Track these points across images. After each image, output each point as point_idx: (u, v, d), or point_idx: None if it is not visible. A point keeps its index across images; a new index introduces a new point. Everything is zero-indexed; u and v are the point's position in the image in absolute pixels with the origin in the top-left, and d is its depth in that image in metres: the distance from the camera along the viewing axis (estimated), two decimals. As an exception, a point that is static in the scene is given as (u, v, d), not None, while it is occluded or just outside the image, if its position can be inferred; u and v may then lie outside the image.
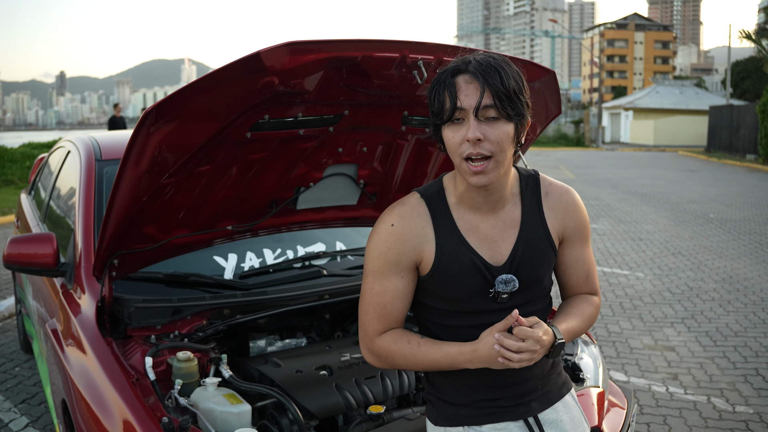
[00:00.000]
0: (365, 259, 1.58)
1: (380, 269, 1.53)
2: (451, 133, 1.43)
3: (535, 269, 1.55)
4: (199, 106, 1.74)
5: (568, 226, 1.62)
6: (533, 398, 1.59)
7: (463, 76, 1.41)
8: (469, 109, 1.39)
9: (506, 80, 1.39)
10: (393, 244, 1.52)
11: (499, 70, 1.40)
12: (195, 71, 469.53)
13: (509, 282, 1.51)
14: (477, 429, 1.56)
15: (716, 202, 13.31)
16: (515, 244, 1.54)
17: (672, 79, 68.83)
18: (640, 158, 28.43)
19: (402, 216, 1.54)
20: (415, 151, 2.44)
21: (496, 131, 1.41)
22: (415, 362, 1.52)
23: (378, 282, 1.54)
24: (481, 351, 1.44)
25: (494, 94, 1.38)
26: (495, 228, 1.55)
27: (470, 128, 1.39)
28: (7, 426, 3.65)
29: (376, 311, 1.55)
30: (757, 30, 33.58)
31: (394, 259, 1.52)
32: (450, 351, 1.49)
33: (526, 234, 1.55)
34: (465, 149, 1.41)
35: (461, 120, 1.42)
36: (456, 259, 1.51)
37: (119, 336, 2.25)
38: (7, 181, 14.83)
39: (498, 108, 1.39)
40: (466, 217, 1.54)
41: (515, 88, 1.41)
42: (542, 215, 1.58)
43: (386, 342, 1.54)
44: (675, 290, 6.62)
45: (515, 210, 1.57)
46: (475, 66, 1.41)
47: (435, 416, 1.62)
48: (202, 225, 2.28)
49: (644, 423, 3.70)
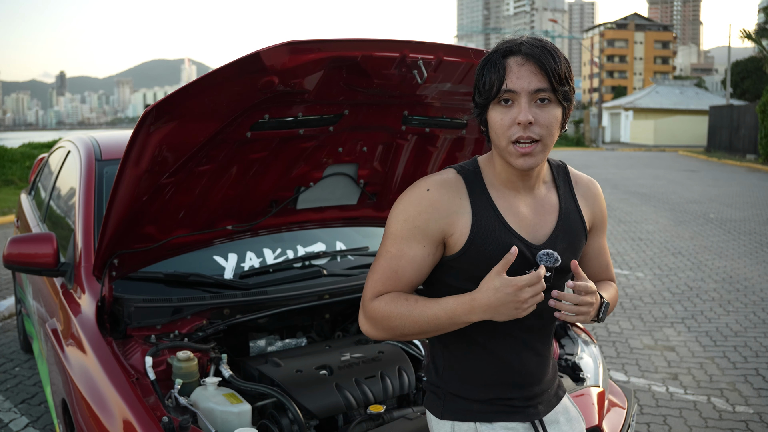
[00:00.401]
0: (388, 222, 1.49)
1: (404, 233, 1.45)
2: (499, 116, 1.40)
3: (570, 255, 1.52)
4: (199, 105, 1.74)
5: (597, 215, 1.63)
6: (540, 401, 1.59)
7: (515, 57, 1.38)
8: (521, 92, 1.37)
9: (558, 63, 1.38)
10: (425, 208, 1.45)
11: (552, 53, 1.38)
12: (195, 71, 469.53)
13: (551, 255, 1.42)
14: (489, 426, 1.52)
15: (716, 202, 13.31)
16: (555, 229, 1.52)
17: (672, 79, 68.84)
18: (640, 158, 28.42)
19: (440, 184, 1.48)
20: (415, 151, 2.44)
21: (547, 114, 1.39)
22: (412, 321, 1.42)
23: (396, 245, 1.46)
24: (480, 299, 1.35)
25: (549, 76, 1.36)
26: (534, 211, 1.51)
27: (522, 111, 1.36)
28: (7, 426, 3.65)
29: (385, 273, 1.46)
30: (758, 30, 33.56)
31: (422, 225, 1.44)
32: (448, 304, 1.39)
33: (564, 220, 1.54)
34: (514, 132, 1.38)
35: (510, 102, 1.39)
36: (493, 238, 1.44)
37: (119, 336, 2.25)
38: (7, 181, 14.84)
39: (551, 91, 1.37)
40: (504, 197, 1.49)
41: (566, 71, 1.39)
42: (576, 203, 1.58)
43: (382, 302, 1.45)
44: (675, 290, 6.62)
45: (552, 195, 1.55)
46: (528, 48, 1.37)
47: (441, 409, 1.55)
48: (202, 225, 2.28)
49: (644, 423, 3.70)
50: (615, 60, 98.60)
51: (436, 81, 1.94)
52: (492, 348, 1.51)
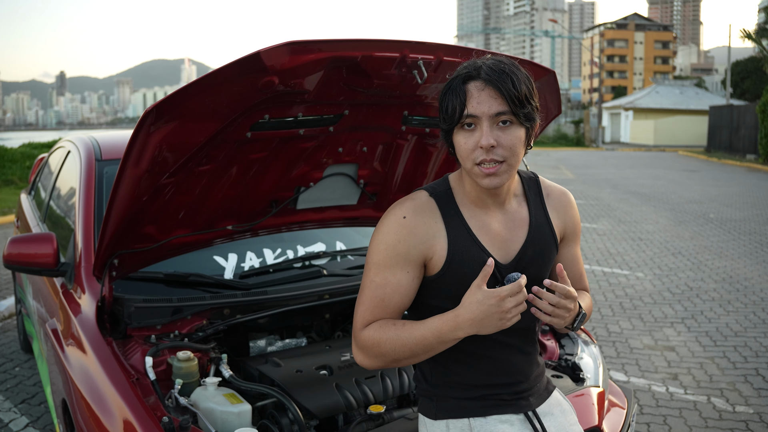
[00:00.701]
0: (369, 252, 1.53)
1: (386, 261, 1.49)
2: (463, 139, 1.44)
3: (541, 268, 1.59)
4: (199, 105, 1.74)
5: (568, 226, 1.67)
6: (530, 394, 1.64)
7: (475, 82, 1.42)
8: (482, 116, 1.40)
9: (518, 85, 1.40)
10: (404, 236, 1.49)
11: (511, 76, 1.40)
12: (195, 71, 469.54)
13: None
14: (482, 420, 1.56)
15: (716, 202, 13.31)
16: (524, 243, 1.57)
17: (672, 79, 68.84)
18: (640, 158, 28.43)
19: (414, 210, 1.52)
20: (415, 151, 2.44)
21: (509, 136, 1.42)
22: (401, 344, 1.44)
23: (380, 274, 1.50)
24: (463, 314, 1.38)
25: (508, 100, 1.39)
26: (505, 227, 1.56)
27: (484, 135, 1.40)
28: (7, 426, 3.65)
29: (372, 302, 1.50)
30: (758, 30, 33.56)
31: (402, 252, 1.49)
32: (434, 323, 1.42)
33: (534, 233, 1.58)
34: (478, 155, 1.42)
35: (473, 126, 1.42)
36: (469, 258, 1.49)
37: (119, 336, 2.25)
38: (7, 181, 14.84)
39: (511, 114, 1.40)
40: (476, 216, 1.54)
41: (527, 93, 1.41)
42: (547, 215, 1.62)
43: (371, 330, 1.49)
44: (675, 290, 6.62)
45: (522, 210, 1.60)
46: (487, 72, 1.41)
47: (434, 410, 1.60)
48: (202, 225, 2.28)
49: (644, 423, 3.70)
50: (615, 60, 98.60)
51: (436, 81, 1.94)
52: (476, 351, 1.56)
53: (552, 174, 19.96)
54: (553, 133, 42.10)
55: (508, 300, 1.34)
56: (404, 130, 2.28)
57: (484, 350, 1.56)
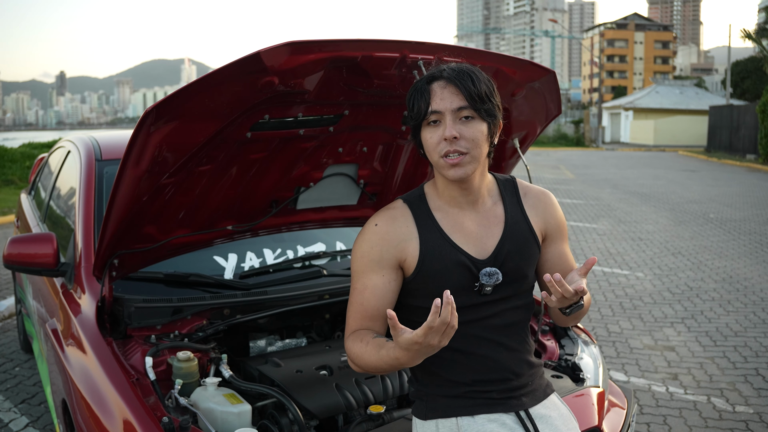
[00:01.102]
0: (351, 262, 1.65)
1: (362, 268, 1.60)
2: (429, 134, 1.55)
3: (520, 264, 1.63)
4: (199, 106, 1.74)
5: (549, 224, 1.72)
6: (523, 393, 1.64)
7: (439, 82, 1.54)
8: (445, 111, 1.52)
9: (478, 84, 1.52)
10: (376, 242, 1.60)
11: (471, 75, 1.53)
12: (195, 71, 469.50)
13: (493, 275, 1.57)
14: (470, 419, 1.59)
15: (716, 202, 13.32)
16: (501, 239, 1.63)
17: (672, 79, 68.86)
18: (640, 158, 28.43)
19: (386, 217, 1.63)
20: (415, 151, 2.44)
21: (471, 129, 1.53)
22: (366, 362, 1.52)
23: (360, 281, 1.61)
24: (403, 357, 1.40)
25: (467, 95, 1.51)
26: (480, 225, 1.64)
27: (447, 128, 1.51)
28: (7, 426, 3.65)
29: (354, 308, 1.61)
30: (758, 30, 33.57)
31: (376, 257, 1.59)
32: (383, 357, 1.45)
33: (510, 230, 1.65)
34: (443, 147, 1.53)
35: (438, 122, 1.54)
36: (440, 257, 1.58)
37: (119, 336, 2.25)
38: (7, 181, 14.83)
39: (471, 108, 1.52)
40: (449, 216, 1.63)
41: (486, 90, 1.53)
42: (524, 213, 1.69)
43: (350, 341, 1.58)
44: (675, 290, 6.62)
45: (497, 208, 1.67)
46: (449, 72, 1.54)
47: (424, 411, 1.63)
48: (202, 225, 2.28)
49: (644, 423, 3.70)
50: (615, 60, 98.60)
51: (436, 81, 1.94)
52: (462, 349, 1.60)
53: (552, 174, 19.96)
54: (553, 133, 42.10)
55: (430, 336, 1.33)
56: (404, 130, 2.28)
57: (468, 347, 1.60)
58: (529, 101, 2.21)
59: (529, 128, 2.38)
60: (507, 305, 1.61)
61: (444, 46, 1.84)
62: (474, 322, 1.59)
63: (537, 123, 2.34)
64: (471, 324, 1.58)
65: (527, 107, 2.24)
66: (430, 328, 1.31)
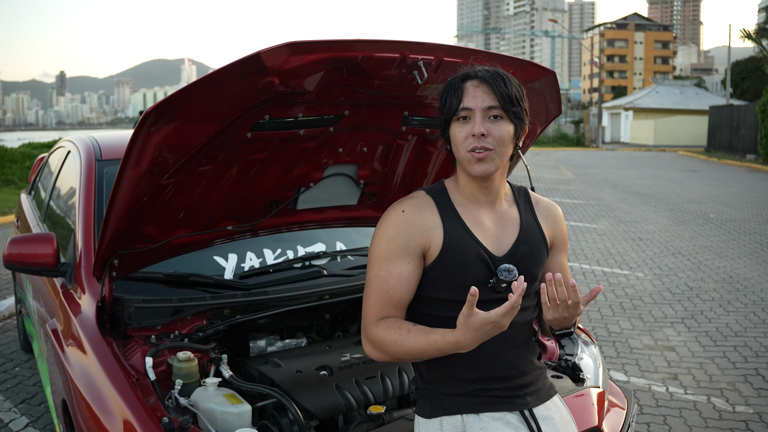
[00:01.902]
0: (372, 247, 1.64)
1: (387, 254, 1.60)
2: (458, 129, 1.59)
3: (533, 265, 1.68)
4: (199, 106, 1.74)
5: (556, 234, 1.78)
6: (528, 392, 1.66)
7: (472, 81, 1.59)
8: (476, 109, 1.56)
9: (509, 86, 1.58)
10: (403, 228, 1.61)
11: (504, 78, 1.59)
12: (195, 71, 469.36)
13: (511, 271, 1.59)
14: (475, 417, 1.60)
15: (716, 202, 13.32)
16: (516, 240, 1.67)
17: (672, 79, 68.83)
18: (640, 158, 28.43)
19: (412, 205, 1.65)
20: (415, 152, 2.44)
21: (499, 128, 1.58)
22: (405, 350, 1.54)
23: (384, 267, 1.60)
24: (465, 341, 1.44)
25: (499, 96, 1.56)
26: (497, 224, 1.68)
27: (476, 124, 1.56)
28: (7, 426, 3.65)
29: (378, 296, 1.60)
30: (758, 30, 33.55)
31: (402, 243, 1.60)
32: (437, 343, 1.49)
33: (525, 233, 1.69)
34: (470, 143, 1.57)
35: (467, 119, 1.58)
36: (463, 248, 1.60)
37: (119, 336, 2.25)
38: (7, 181, 14.83)
39: (501, 108, 1.57)
40: (470, 212, 1.66)
41: (517, 94, 1.59)
42: (537, 219, 1.74)
43: (380, 329, 1.58)
44: (675, 290, 6.62)
45: (513, 211, 1.73)
46: (483, 73, 1.59)
47: (429, 409, 1.64)
48: (203, 225, 2.28)
49: (644, 423, 3.70)
50: (615, 60, 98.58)
51: (436, 81, 1.94)
52: None
53: (552, 174, 19.96)
54: (553, 133, 42.08)
55: (505, 318, 1.40)
56: (404, 130, 2.28)
57: None
58: (529, 101, 2.20)
59: (529, 128, 2.37)
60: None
61: (444, 46, 1.84)
62: None
63: (537, 123, 2.34)
64: None
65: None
66: (513, 308, 1.38)
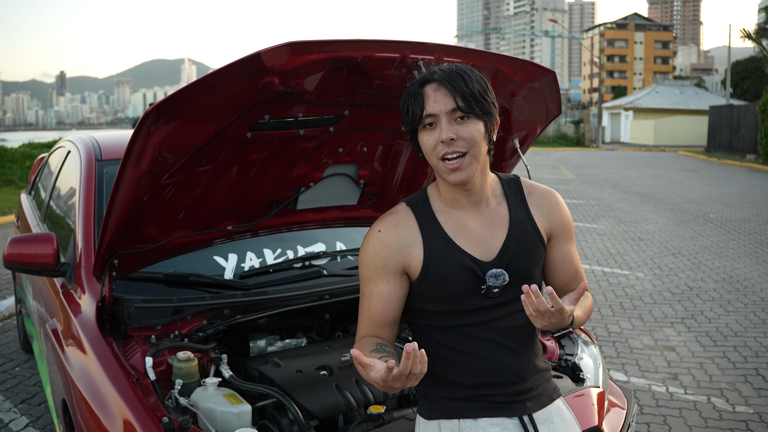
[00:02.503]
0: (359, 266, 1.65)
1: (368, 274, 1.61)
2: (425, 137, 1.54)
3: (526, 264, 1.61)
4: (199, 106, 1.74)
5: (555, 223, 1.69)
6: (528, 398, 1.62)
7: (431, 84, 1.53)
8: (440, 114, 1.51)
9: (470, 83, 1.51)
10: (380, 249, 1.60)
11: (462, 75, 1.52)
12: (195, 71, 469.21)
13: (499, 276, 1.56)
14: (473, 422, 1.58)
15: (716, 202, 13.32)
16: (505, 240, 1.61)
17: (672, 79, 68.81)
18: (640, 158, 28.43)
19: (389, 223, 1.63)
20: (415, 152, 2.43)
21: (468, 129, 1.51)
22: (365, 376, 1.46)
23: (367, 287, 1.62)
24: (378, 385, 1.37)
25: (461, 96, 1.50)
26: (484, 226, 1.62)
27: (443, 130, 1.50)
28: (7, 426, 3.65)
29: (363, 313, 1.62)
30: (758, 30, 33.56)
31: (380, 264, 1.59)
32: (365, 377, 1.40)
33: (515, 230, 1.62)
34: (440, 150, 1.52)
35: (434, 125, 1.53)
36: (445, 261, 1.57)
37: (119, 336, 2.25)
38: (7, 181, 14.83)
39: (466, 108, 1.50)
40: (453, 219, 1.61)
41: (479, 89, 1.52)
42: (529, 212, 1.66)
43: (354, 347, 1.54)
44: (675, 290, 6.62)
45: (502, 208, 1.65)
46: (440, 74, 1.53)
47: (428, 411, 1.63)
48: (203, 225, 2.28)
49: (644, 423, 3.70)
50: (615, 60, 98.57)
51: (436, 81, 1.93)
52: (467, 351, 1.59)
53: (552, 174, 19.96)
54: (553, 133, 42.07)
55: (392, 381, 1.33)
56: (404, 130, 2.27)
57: (473, 349, 1.58)
58: (529, 101, 2.21)
59: (529, 128, 2.37)
60: (514, 307, 1.57)
61: (444, 46, 1.84)
62: (480, 324, 1.58)
63: (537, 123, 2.34)
64: (477, 326, 1.58)
65: (527, 107, 2.24)
66: (389, 374, 1.30)
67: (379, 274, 1.59)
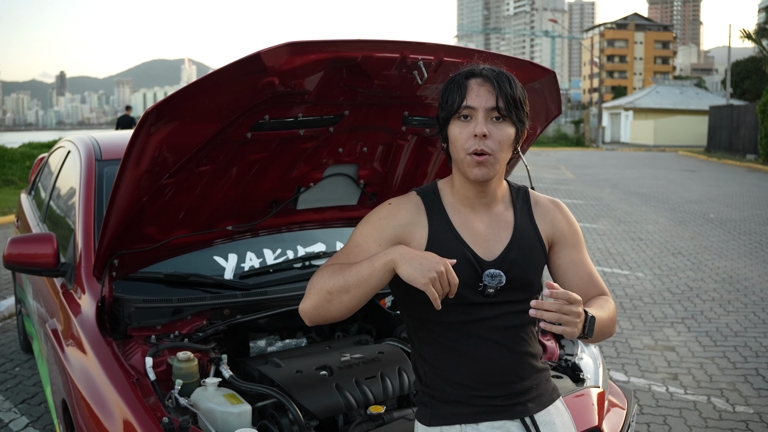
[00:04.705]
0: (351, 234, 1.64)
1: (364, 232, 1.61)
2: (458, 129, 1.55)
3: (526, 270, 1.62)
4: (199, 106, 1.74)
5: (558, 231, 1.70)
6: (529, 399, 1.62)
7: (476, 79, 1.55)
8: (479, 108, 1.52)
9: (514, 88, 1.55)
10: (385, 215, 1.61)
11: (509, 78, 1.55)
12: (195, 71, 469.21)
13: (495, 276, 1.56)
14: (474, 427, 1.57)
15: (716, 202, 13.32)
16: (508, 244, 1.62)
17: (672, 79, 68.84)
18: (640, 158, 28.43)
19: (401, 200, 1.66)
20: (415, 152, 2.44)
21: (501, 131, 1.54)
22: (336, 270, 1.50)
23: (355, 240, 1.61)
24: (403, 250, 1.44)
25: (504, 97, 1.52)
26: (489, 227, 1.63)
27: (478, 124, 1.52)
28: (7, 426, 3.65)
29: (339, 257, 1.59)
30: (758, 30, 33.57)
31: (380, 227, 1.60)
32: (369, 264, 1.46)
33: (518, 236, 1.64)
34: (471, 144, 1.53)
35: (469, 118, 1.54)
36: (447, 249, 1.57)
37: (119, 336, 2.25)
38: (7, 181, 14.83)
39: (505, 110, 1.53)
40: (460, 215, 1.63)
41: (521, 96, 1.56)
42: (533, 220, 1.68)
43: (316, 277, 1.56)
44: (675, 290, 6.62)
45: (508, 213, 1.67)
46: (488, 71, 1.55)
47: (429, 417, 1.62)
48: (203, 225, 2.28)
49: (644, 423, 3.71)
50: (615, 60, 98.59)
51: (436, 81, 1.94)
52: (463, 349, 1.59)
53: (552, 174, 19.96)
54: (553, 133, 42.06)
55: (444, 276, 1.40)
56: (404, 130, 2.28)
57: (470, 347, 1.58)
58: (529, 101, 2.21)
59: (529, 128, 2.38)
60: (511, 308, 1.58)
61: (444, 46, 1.84)
62: (476, 321, 1.58)
63: (537, 123, 2.34)
64: (473, 324, 1.57)
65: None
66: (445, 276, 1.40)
67: (375, 236, 1.59)
